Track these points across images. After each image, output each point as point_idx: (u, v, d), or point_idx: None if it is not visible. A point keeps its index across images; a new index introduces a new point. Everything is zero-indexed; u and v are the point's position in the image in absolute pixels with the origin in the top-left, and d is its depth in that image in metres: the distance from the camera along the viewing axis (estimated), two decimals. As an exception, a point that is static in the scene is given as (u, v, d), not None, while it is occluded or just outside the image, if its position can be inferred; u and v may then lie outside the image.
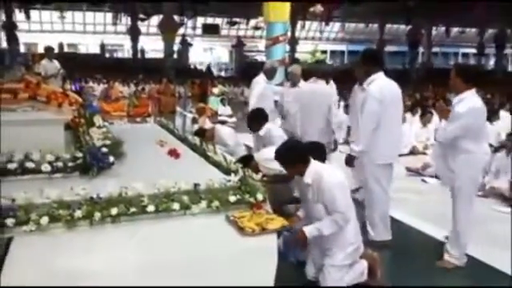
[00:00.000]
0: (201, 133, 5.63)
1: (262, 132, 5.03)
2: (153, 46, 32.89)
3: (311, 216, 3.23)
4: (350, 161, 4.23)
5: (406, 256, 4.09)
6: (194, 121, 8.23)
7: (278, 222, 2.95)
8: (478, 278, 3.65)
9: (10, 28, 25.62)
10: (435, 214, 4.82)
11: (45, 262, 2.36)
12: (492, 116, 8.93)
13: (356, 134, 4.23)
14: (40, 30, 32.18)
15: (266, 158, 4.34)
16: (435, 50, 37.25)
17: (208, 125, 8.10)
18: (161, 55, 27.41)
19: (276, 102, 6.36)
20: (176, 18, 25.95)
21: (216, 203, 3.04)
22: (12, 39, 25.55)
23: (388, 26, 33.28)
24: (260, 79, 6.35)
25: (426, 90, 18.76)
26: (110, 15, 30.88)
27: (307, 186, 3.19)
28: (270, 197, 3.33)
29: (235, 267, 2.44)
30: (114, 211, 2.79)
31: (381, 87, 4.05)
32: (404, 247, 4.25)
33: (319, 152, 3.90)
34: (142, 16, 28.28)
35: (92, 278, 2.22)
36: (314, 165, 3.21)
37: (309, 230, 3.09)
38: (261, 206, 3.10)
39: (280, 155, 3.31)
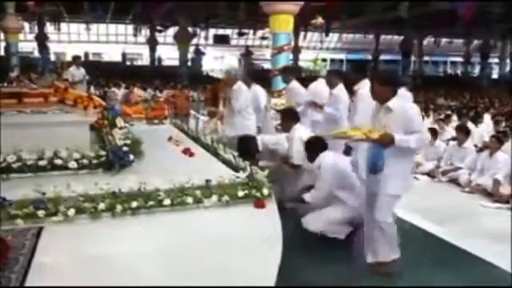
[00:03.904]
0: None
1: None
2: (169, 55, 32.90)
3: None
4: None
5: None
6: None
7: (377, 134, 3.06)
8: (468, 270, 3.55)
9: (42, 39, 25.76)
10: (425, 208, 4.79)
11: (71, 249, 2.38)
12: (477, 119, 8.89)
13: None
14: (68, 41, 32.35)
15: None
16: (426, 58, 36.98)
17: (219, 126, 8.06)
18: (176, 63, 27.40)
19: None
20: (190, 29, 25.95)
21: (226, 197, 3.04)
22: (43, 49, 25.69)
23: (382, 36, 33.07)
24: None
25: (418, 96, 18.63)
26: (130, 27, 30.96)
27: (388, 110, 3.15)
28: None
29: (242, 249, 2.45)
30: (133, 204, 2.80)
31: None
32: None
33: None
34: (159, 28, 28.32)
35: (114, 264, 2.23)
36: (398, 96, 3.21)
37: (398, 136, 3.03)
38: (263, 202, 3.11)
39: (389, 75, 3.44)
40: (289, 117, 4.72)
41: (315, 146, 4.08)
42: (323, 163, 3.86)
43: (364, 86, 4.45)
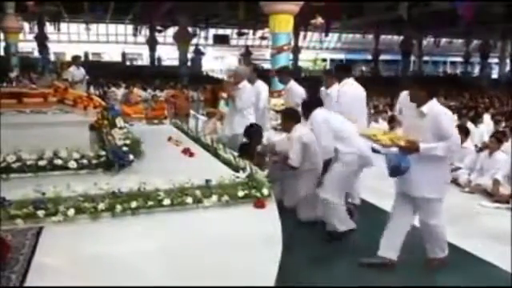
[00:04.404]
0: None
1: None
2: (169, 55, 32.91)
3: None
4: None
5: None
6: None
7: (403, 141, 3.18)
8: (467, 270, 3.53)
9: (42, 39, 25.77)
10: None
11: (71, 249, 2.38)
12: (476, 119, 8.88)
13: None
14: (68, 41, 32.37)
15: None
16: (426, 58, 37.00)
17: (218, 127, 8.04)
18: (176, 63, 27.42)
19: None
20: (190, 29, 25.95)
21: (226, 197, 3.04)
22: (43, 49, 25.71)
23: (382, 36, 33.07)
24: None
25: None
26: (130, 27, 30.99)
27: (422, 114, 3.19)
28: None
29: (242, 249, 2.45)
30: (133, 204, 2.80)
31: None
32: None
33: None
34: (159, 28, 28.34)
35: (113, 264, 2.23)
36: (434, 101, 3.23)
37: (423, 145, 3.10)
38: (263, 202, 3.11)
39: (424, 80, 3.54)
40: (289, 117, 4.71)
41: (310, 105, 4.22)
42: (315, 118, 4.01)
43: (347, 85, 4.91)
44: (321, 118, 3.98)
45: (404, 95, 3.48)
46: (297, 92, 5.93)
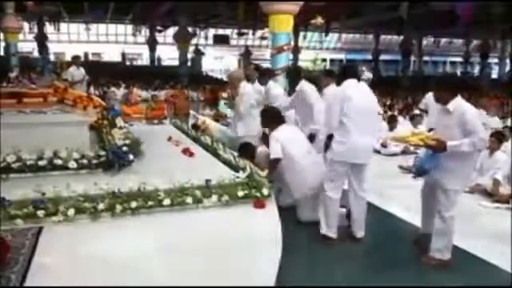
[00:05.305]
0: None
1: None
2: (169, 55, 32.90)
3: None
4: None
5: (398, 248, 4.01)
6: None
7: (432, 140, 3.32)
8: (468, 270, 3.48)
9: (42, 39, 25.77)
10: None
11: (71, 249, 2.38)
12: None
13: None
14: (68, 41, 32.37)
15: None
16: (426, 58, 37.00)
17: (214, 127, 8.00)
18: (176, 63, 27.39)
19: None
20: (190, 29, 25.95)
21: (226, 197, 3.05)
22: (43, 49, 25.70)
23: (382, 36, 33.06)
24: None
25: (417, 95, 18.61)
26: (130, 27, 30.99)
27: (448, 112, 3.32)
28: None
29: (242, 249, 2.45)
30: (133, 204, 2.81)
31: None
32: (395, 239, 4.18)
33: None
34: (159, 28, 28.34)
35: (113, 264, 2.23)
36: (459, 98, 3.34)
37: (449, 143, 3.22)
38: (263, 203, 3.11)
39: (446, 78, 3.68)
40: (272, 118, 4.59)
41: (344, 74, 4.09)
42: (340, 91, 3.82)
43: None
44: (340, 96, 3.74)
45: (430, 95, 3.57)
46: (276, 94, 5.78)
